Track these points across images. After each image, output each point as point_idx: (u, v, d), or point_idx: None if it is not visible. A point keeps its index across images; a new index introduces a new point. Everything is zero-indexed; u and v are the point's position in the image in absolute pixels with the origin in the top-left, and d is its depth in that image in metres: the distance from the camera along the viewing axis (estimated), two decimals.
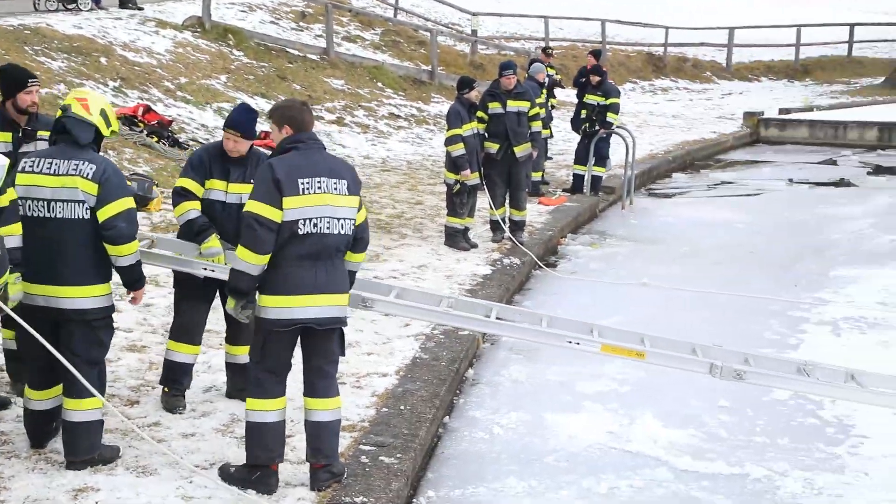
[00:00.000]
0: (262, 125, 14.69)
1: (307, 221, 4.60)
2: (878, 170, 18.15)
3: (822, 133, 21.62)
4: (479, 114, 10.41)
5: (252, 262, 4.56)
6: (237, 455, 4.96)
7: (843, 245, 11.74)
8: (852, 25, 32.16)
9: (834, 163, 19.02)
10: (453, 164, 10.10)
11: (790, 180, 16.96)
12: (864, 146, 20.80)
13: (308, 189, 4.60)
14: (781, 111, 23.13)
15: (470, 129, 10.11)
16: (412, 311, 5.65)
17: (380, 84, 19.65)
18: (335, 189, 4.67)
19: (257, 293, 4.71)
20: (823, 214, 13.71)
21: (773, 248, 11.63)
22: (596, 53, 15.30)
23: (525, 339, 5.69)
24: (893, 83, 28.13)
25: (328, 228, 4.65)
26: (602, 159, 13.69)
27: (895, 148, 20.54)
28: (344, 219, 4.70)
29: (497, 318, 5.51)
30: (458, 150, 9.98)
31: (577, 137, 13.90)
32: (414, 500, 5.23)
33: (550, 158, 15.44)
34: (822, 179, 17.01)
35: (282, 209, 4.54)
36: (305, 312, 4.66)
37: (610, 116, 13.27)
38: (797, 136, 21.76)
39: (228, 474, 4.80)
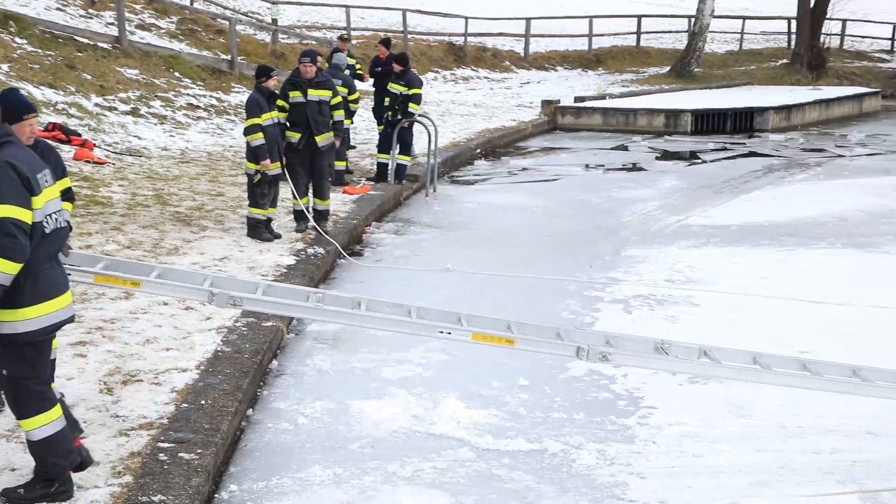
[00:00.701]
0: (51, 116, 14.08)
1: (50, 218, 4.39)
2: (666, 155, 19.13)
3: (614, 120, 22.58)
4: (280, 102, 10.31)
5: (9, 272, 4.19)
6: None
7: (633, 226, 12.30)
8: (640, 17, 33.75)
9: (625, 148, 19.90)
10: (253, 154, 9.95)
11: (586, 166, 17.63)
12: (652, 132, 21.86)
13: (44, 183, 4.38)
14: (577, 99, 23.98)
15: (270, 118, 9.98)
16: (281, 307, 5.55)
17: (177, 74, 19.08)
18: (51, 180, 4.49)
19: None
20: (616, 198, 14.32)
21: (570, 231, 12.05)
22: (386, 42, 15.43)
23: (395, 330, 5.67)
24: (678, 72, 29.70)
25: (58, 223, 4.48)
26: (406, 147, 13.80)
27: (680, 134, 21.71)
28: (62, 210, 4.55)
29: (367, 311, 5.47)
30: (258, 139, 9.84)
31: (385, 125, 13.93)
32: (216, 495, 5.13)
33: (353, 147, 15.45)
34: (614, 164, 17.77)
35: (32, 209, 4.27)
36: (66, 313, 4.50)
37: (412, 107, 13.40)
38: (592, 123, 22.63)
39: (19, 497, 4.55)
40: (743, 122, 22.43)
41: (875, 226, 12.14)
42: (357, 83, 14.54)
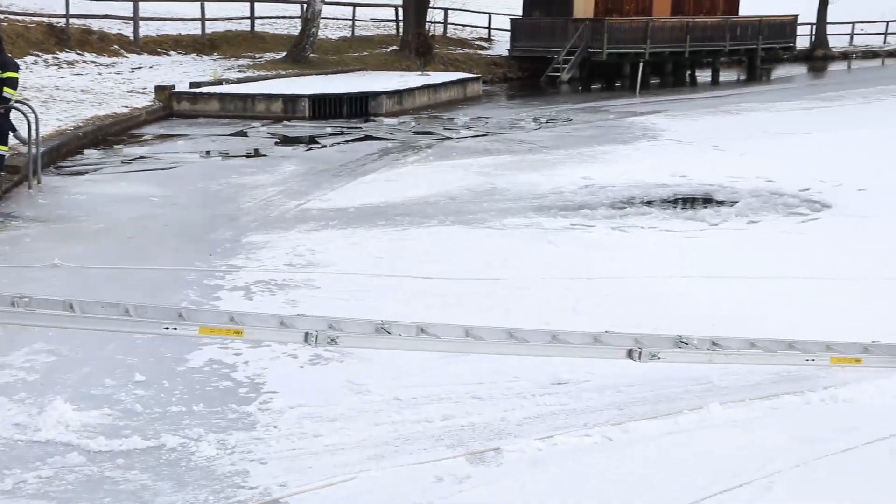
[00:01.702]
0: None
1: None
2: (285, 140, 19.25)
3: (232, 106, 22.34)
4: None
5: None
6: None
7: (254, 212, 12.24)
8: (252, 2, 33.59)
9: (245, 134, 19.76)
10: None
11: (207, 153, 17.31)
12: (271, 118, 21.89)
13: None
14: (192, 85, 23.44)
15: None
16: None
17: None
18: None
19: None
20: (236, 184, 14.18)
21: (189, 220, 11.77)
22: None
23: (116, 330, 5.25)
24: (294, 58, 29.94)
25: None
26: (2, 136, 12.75)
27: (299, 119, 21.92)
28: None
29: (83, 314, 5.05)
30: None
31: None
32: None
33: None
34: (234, 151, 17.59)
35: None
36: None
37: (7, 91, 12.40)
38: (209, 109, 22.24)
39: None
40: (358, 106, 23.09)
41: (479, 203, 12.98)
42: None
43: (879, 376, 6.37)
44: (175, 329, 5.26)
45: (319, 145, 18.63)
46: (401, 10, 34.44)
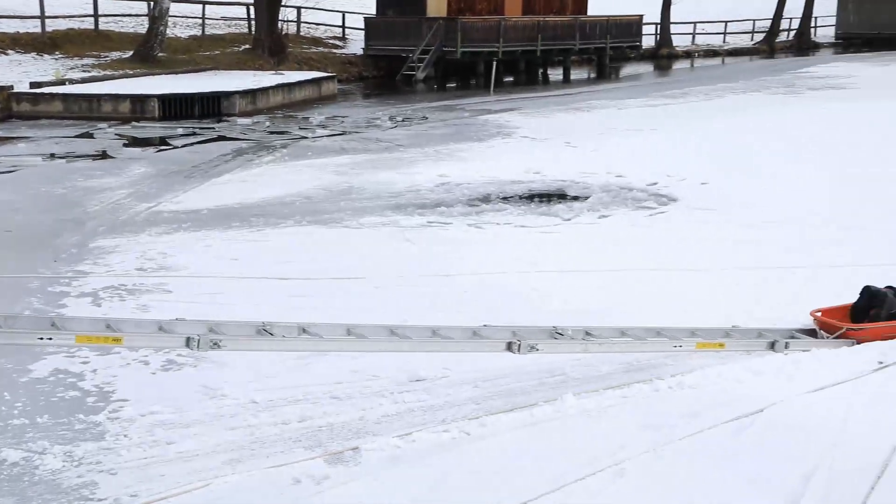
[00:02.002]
0: None
1: None
2: (134, 141, 18.72)
3: (77, 107, 21.59)
4: None
5: None
6: None
7: (102, 216, 11.85)
8: None
9: (91, 136, 19.12)
10: None
11: (50, 155, 16.66)
12: (118, 119, 21.25)
13: None
14: (33, 85, 22.54)
15: None
16: None
17: None
18: None
19: None
20: (83, 187, 13.70)
21: (32, 226, 11.30)
22: None
23: None
24: (142, 57, 29.11)
25: None
26: None
27: (148, 119, 21.34)
28: None
29: None
30: None
31: None
32: None
33: None
34: (79, 153, 16.99)
35: None
36: None
37: None
38: (52, 110, 21.45)
39: None
40: (211, 106, 22.64)
41: (336, 202, 12.91)
42: None
43: (721, 362, 6.64)
44: (50, 339, 5.06)
45: (170, 146, 18.18)
46: (252, 9, 33.90)
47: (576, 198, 13.28)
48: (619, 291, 8.59)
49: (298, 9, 37.46)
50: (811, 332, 7.33)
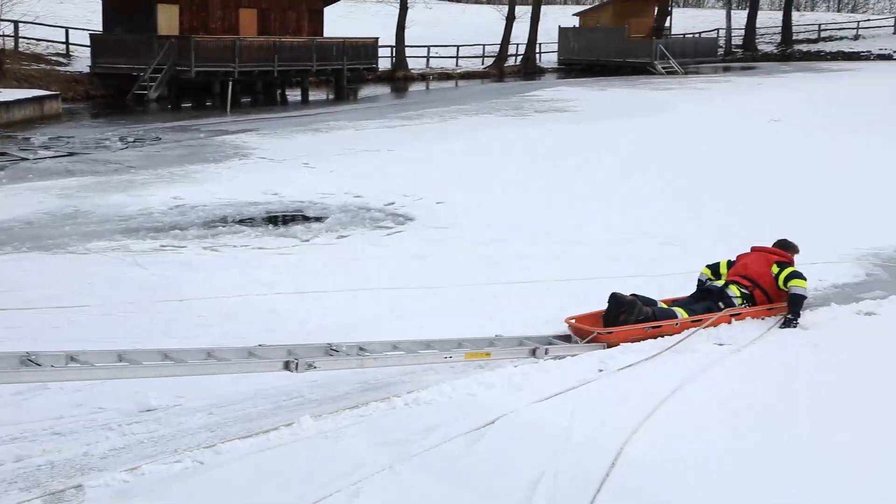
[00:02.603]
0: None
1: None
2: None
3: None
4: None
5: None
6: None
7: None
8: None
9: None
10: None
11: None
12: None
13: None
14: None
15: None
16: None
17: None
18: None
19: None
20: None
21: None
22: None
23: None
24: None
25: None
26: None
27: None
28: None
29: None
30: None
31: None
32: None
33: None
34: None
35: None
36: None
37: None
38: None
39: None
40: None
41: (60, 227, 12.22)
42: None
43: (455, 377, 6.81)
44: None
45: None
46: None
47: (314, 218, 13.26)
48: (358, 310, 8.63)
49: (15, 23, 35.26)
50: (566, 338, 7.78)
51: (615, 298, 7.93)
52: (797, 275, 8.32)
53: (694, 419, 6.05)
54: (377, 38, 42.17)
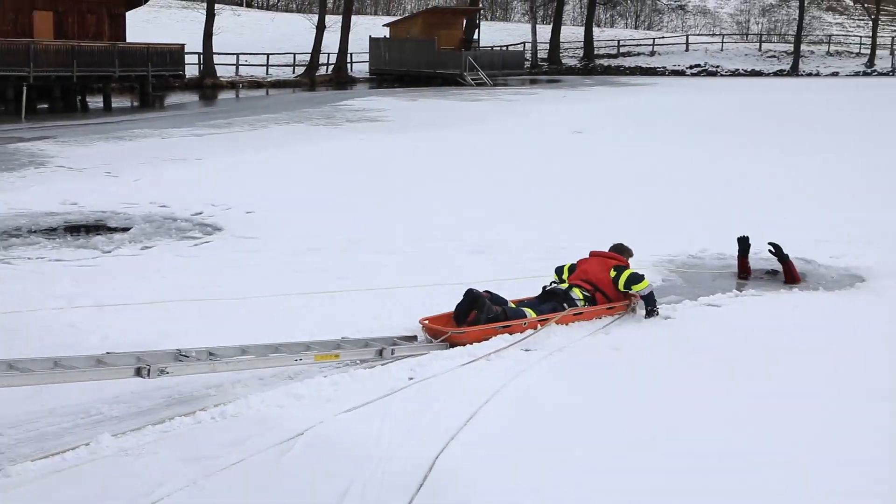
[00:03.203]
0: None
1: None
2: None
3: None
4: None
5: None
6: None
7: None
8: None
9: None
10: None
11: None
12: None
13: None
14: None
15: None
16: None
17: None
18: None
19: None
20: None
21: None
22: None
23: None
24: None
25: None
26: None
27: None
28: None
29: None
30: None
31: None
32: None
33: None
34: None
35: None
36: None
37: None
38: None
39: None
40: None
41: None
42: None
43: (263, 389, 6.69)
44: None
45: None
46: None
47: (117, 229, 12.78)
48: (163, 323, 8.35)
49: None
50: (411, 339, 8.02)
51: (470, 293, 8.24)
52: (636, 278, 8.88)
53: (504, 427, 6.15)
54: (183, 45, 41.08)
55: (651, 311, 8.84)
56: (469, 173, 18.47)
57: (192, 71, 45.02)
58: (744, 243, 10.71)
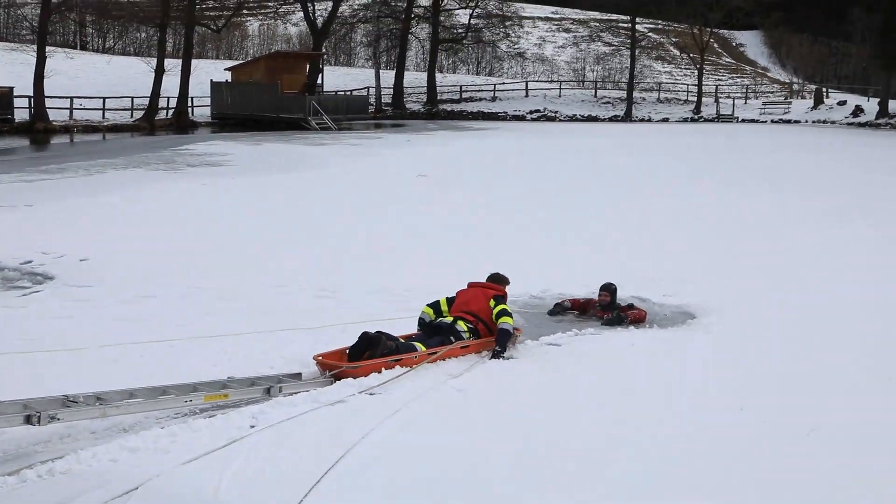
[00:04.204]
0: None
1: None
2: None
3: None
4: None
5: None
6: None
7: None
8: None
9: None
10: None
11: None
12: None
13: None
14: None
15: None
16: None
17: None
18: None
19: None
20: None
21: None
22: None
23: None
24: None
25: None
26: None
27: None
28: None
29: None
30: None
31: None
32: None
33: None
34: None
35: None
36: None
37: None
38: None
39: None
40: None
41: None
42: None
43: (94, 444, 6.39)
44: None
45: None
46: None
47: None
48: None
49: None
50: (296, 376, 8.12)
51: (365, 336, 8.44)
52: (506, 312, 9.14)
53: (353, 474, 6.06)
54: (12, 88, 39.49)
55: (498, 353, 8.93)
56: (314, 216, 18.35)
57: (21, 115, 43.32)
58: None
